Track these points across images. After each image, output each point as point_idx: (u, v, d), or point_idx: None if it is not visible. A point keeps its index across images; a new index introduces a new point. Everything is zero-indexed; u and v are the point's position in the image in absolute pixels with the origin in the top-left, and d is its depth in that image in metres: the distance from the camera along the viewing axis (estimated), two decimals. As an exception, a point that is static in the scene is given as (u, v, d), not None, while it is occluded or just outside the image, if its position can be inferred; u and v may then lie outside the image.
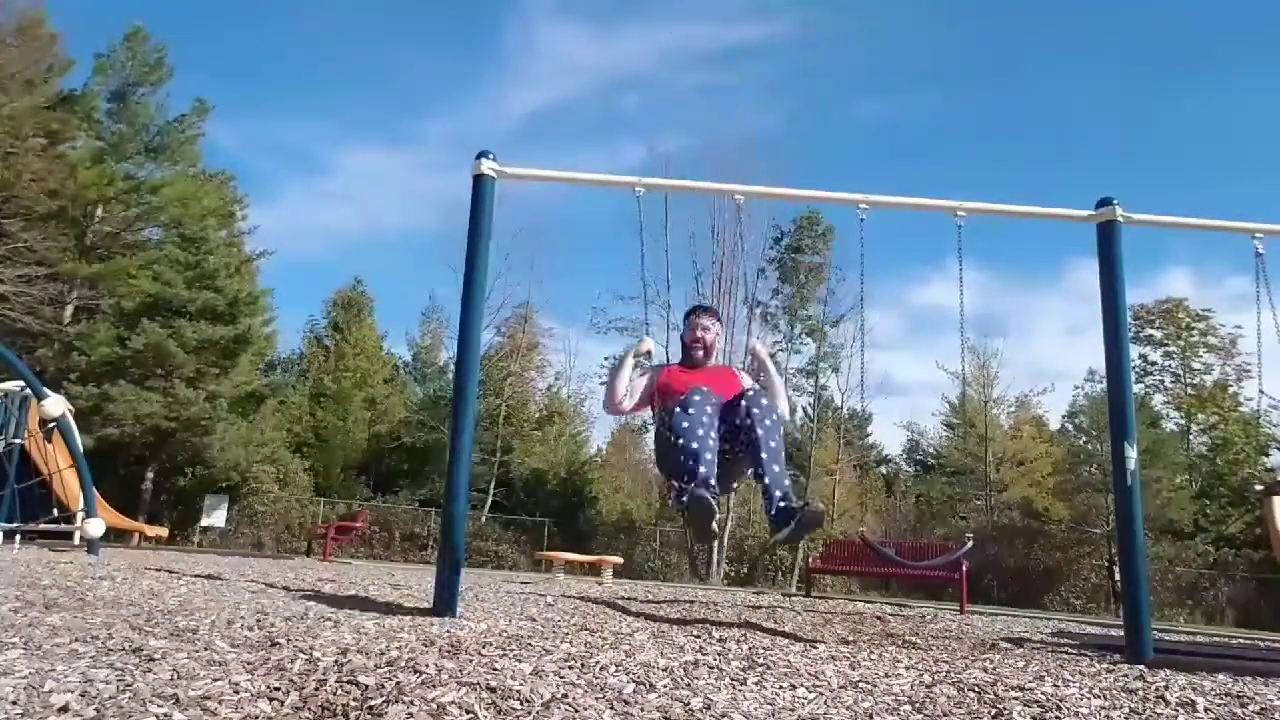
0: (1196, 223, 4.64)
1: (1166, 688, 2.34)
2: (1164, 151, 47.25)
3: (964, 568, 9.20)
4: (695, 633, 3.34)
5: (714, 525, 3.16)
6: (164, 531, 16.90)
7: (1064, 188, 42.85)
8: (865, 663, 2.70)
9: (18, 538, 8.76)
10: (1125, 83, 47.08)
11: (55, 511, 9.28)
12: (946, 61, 49.94)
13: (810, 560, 13.41)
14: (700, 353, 3.75)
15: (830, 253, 26.69)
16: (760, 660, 2.57)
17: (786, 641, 3.33)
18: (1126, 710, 2.02)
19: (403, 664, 1.78)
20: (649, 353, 3.94)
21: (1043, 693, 2.14)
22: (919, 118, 48.69)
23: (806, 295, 26.58)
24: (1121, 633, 4.05)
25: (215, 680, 1.57)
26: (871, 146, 48.66)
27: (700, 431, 3.18)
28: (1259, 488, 6.22)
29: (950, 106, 49.22)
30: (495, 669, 1.89)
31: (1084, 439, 26.17)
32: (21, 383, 9.48)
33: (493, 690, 1.65)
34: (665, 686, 1.90)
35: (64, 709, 1.33)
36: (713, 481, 3.13)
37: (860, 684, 2.24)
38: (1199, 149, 47.45)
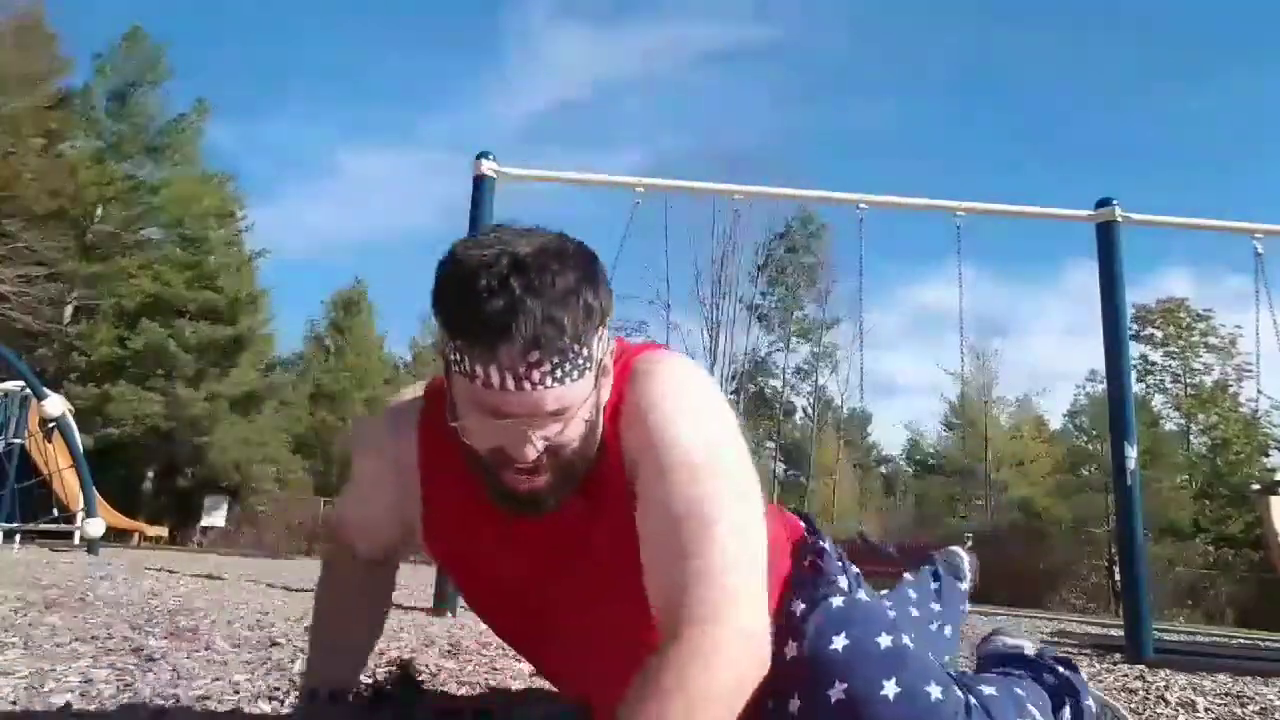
0: (1196, 223, 4.64)
1: (1166, 688, 2.34)
2: (1164, 151, 47.24)
3: (964, 568, 9.19)
4: (695, 633, 3.33)
5: None
6: (164, 531, 16.90)
7: (1064, 188, 42.85)
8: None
9: (18, 538, 8.75)
10: (1125, 82, 47.10)
11: (55, 511, 9.28)
12: (946, 61, 49.94)
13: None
14: (524, 498, 1.03)
15: (826, 252, 26.79)
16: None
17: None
18: (1127, 710, 2.01)
19: (403, 664, 1.78)
20: None
21: (1043, 693, 2.13)
22: (919, 117, 48.67)
23: (801, 294, 26.68)
24: (1121, 633, 4.05)
25: (215, 680, 1.57)
26: (871, 146, 48.65)
27: None
28: (1256, 487, 6.23)
29: (950, 106, 49.21)
30: (495, 669, 1.89)
31: (1084, 439, 26.16)
32: (21, 383, 9.48)
33: (493, 690, 1.65)
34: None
35: (64, 709, 1.33)
36: None
37: (860, 684, 2.23)
38: (1199, 148, 47.44)
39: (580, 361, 0.95)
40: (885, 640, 1.13)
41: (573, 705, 1.33)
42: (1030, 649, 1.53)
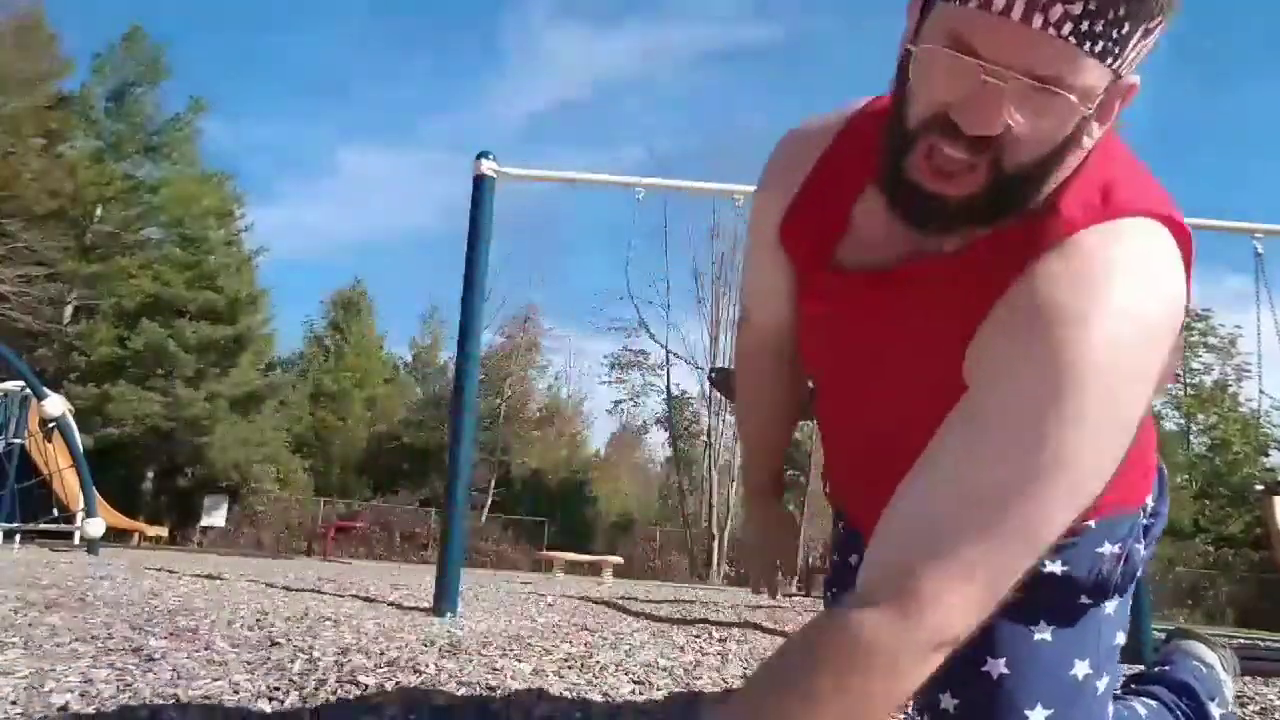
0: (1196, 223, 4.63)
1: (1166, 688, 2.34)
2: (1164, 151, 47.22)
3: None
4: (695, 633, 3.34)
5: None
6: (164, 531, 16.91)
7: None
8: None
9: (18, 538, 8.76)
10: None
11: (55, 511, 9.29)
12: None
13: (810, 560, 13.41)
14: (927, 197, 0.76)
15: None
16: (761, 660, 2.57)
17: (786, 641, 3.32)
18: None
19: (403, 664, 1.79)
20: None
21: (1043, 693, 2.14)
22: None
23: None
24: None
25: (215, 680, 1.57)
26: (871, 146, 48.59)
27: None
28: (1259, 487, 6.21)
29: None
30: (495, 669, 1.89)
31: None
32: (21, 383, 9.48)
33: (493, 690, 1.65)
34: (665, 686, 1.90)
35: (64, 709, 1.33)
36: None
37: (860, 684, 2.23)
38: (1199, 149, 47.46)
39: (1112, 41, 0.68)
40: (1080, 669, 0.99)
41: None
42: (1217, 709, 1.28)
